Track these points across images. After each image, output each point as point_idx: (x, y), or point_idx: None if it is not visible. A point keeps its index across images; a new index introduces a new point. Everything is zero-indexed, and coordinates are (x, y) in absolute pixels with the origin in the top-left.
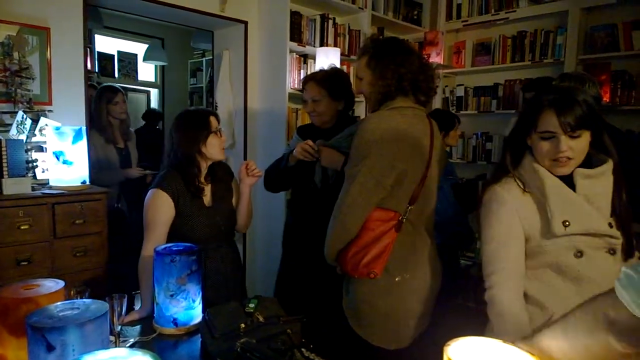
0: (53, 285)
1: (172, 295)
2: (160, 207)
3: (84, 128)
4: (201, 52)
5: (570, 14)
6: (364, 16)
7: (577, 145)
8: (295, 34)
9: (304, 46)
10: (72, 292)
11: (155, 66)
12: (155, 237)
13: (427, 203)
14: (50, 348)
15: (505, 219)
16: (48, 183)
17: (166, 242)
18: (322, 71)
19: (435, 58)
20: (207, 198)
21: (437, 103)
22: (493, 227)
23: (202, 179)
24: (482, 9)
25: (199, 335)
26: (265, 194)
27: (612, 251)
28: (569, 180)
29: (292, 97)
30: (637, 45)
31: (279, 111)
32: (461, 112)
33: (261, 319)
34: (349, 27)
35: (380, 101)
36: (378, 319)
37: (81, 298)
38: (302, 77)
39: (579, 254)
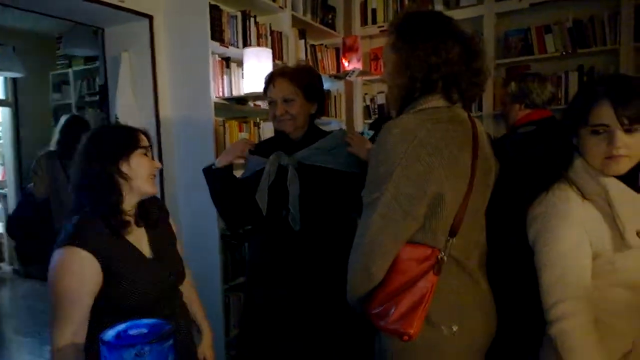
0: None
1: None
2: (81, 274)
3: None
4: (67, 61)
5: (485, 19)
6: (285, 16)
7: (635, 142)
8: (216, 33)
9: (227, 47)
10: None
11: (5, 80)
12: (77, 320)
13: (475, 232)
14: None
15: (570, 236)
16: None
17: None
18: (289, 66)
19: (357, 64)
20: (144, 246)
21: (357, 111)
22: (556, 247)
23: (127, 213)
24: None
25: None
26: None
27: None
28: (630, 184)
29: (217, 108)
30: (550, 49)
31: (203, 125)
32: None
33: None
34: (270, 27)
35: (402, 99)
36: None
37: None
38: (225, 84)
39: None
